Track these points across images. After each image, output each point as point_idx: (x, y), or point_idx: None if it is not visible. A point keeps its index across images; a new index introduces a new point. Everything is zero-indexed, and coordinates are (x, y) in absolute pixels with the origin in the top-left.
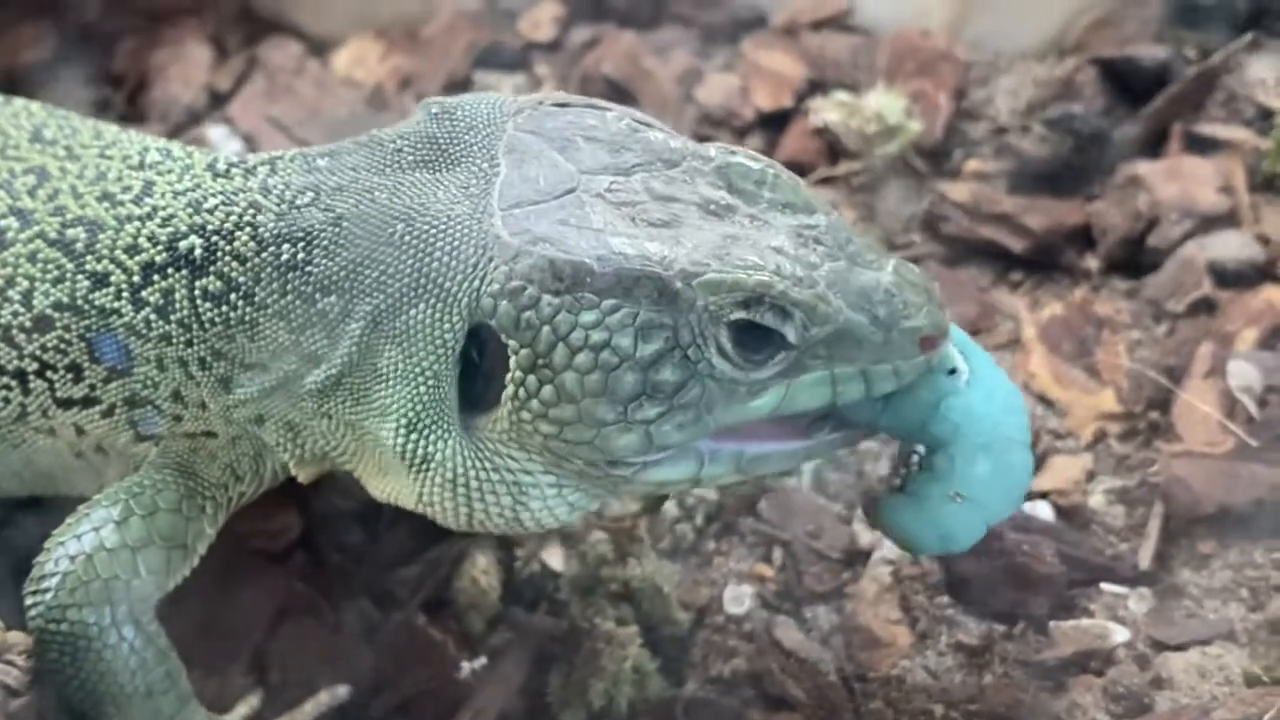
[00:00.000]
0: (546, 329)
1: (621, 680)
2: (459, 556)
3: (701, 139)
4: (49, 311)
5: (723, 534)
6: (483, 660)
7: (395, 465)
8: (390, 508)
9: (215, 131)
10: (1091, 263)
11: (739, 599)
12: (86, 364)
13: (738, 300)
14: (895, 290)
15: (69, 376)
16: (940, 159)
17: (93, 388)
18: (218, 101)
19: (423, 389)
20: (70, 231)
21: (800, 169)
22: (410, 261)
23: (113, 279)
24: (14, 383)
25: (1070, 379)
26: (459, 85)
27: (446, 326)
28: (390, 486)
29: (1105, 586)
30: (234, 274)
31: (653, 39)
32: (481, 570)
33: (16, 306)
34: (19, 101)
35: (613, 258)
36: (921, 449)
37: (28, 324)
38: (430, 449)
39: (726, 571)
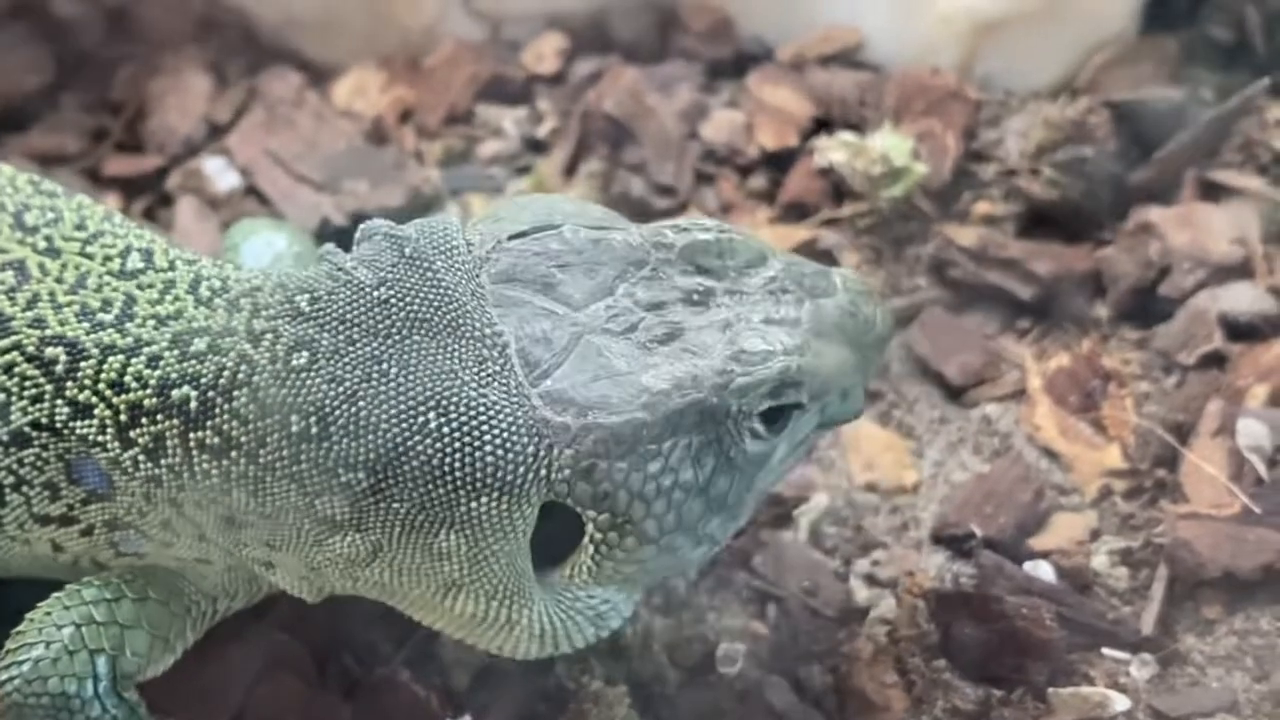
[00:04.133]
0: (622, 492)
1: None
2: None
3: (704, 177)
4: (26, 429)
5: (716, 588)
6: (467, 718)
7: (466, 623)
8: None
9: (212, 164)
10: (1101, 311)
11: (731, 658)
12: (64, 484)
13: (764, 393)
14: (854, 309)
15: (45, 494)
16: (948, 200)
17: (70, 508)
18: (216, 133)
19: (497, 568)
20: (50, 350)
21: (804, 210)
22: (457, 456)
23: (96, 412)
24: None
25: (1075, 433)
26: (460, 118)
27: (518, 516)
28: (447, 624)
29: (1106, 651)
30: (235, 433)
31: (657, 73)
32: None
33: None
34: (6, 171)
35: (654, 401)
36: None
37: (4, 438)
38: (515, 614)
39: (720, 628)
